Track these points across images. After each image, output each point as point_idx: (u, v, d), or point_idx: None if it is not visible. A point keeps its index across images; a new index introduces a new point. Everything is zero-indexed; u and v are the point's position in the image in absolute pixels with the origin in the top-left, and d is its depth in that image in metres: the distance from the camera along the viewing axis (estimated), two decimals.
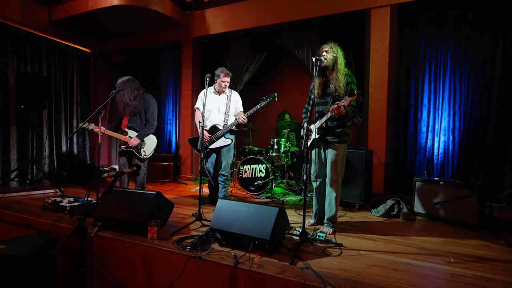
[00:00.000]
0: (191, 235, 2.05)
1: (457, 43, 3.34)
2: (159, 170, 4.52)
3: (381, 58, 3.33)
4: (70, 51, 4.76)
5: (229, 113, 2.88)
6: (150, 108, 2.93)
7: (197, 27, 4.38)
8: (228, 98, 2.91)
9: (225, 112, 2.87)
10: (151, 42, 4.74)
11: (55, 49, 4.53)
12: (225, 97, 2.92)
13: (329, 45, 2.13)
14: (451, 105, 3.38)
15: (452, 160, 3.37)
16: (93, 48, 5.02)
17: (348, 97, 1.88)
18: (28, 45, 4.17)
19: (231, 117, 2.90)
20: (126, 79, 2.84)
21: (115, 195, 2.22)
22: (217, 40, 4.57)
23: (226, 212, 1.92)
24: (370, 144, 3.37)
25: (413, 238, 2.12)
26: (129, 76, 2.89)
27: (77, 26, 4.45)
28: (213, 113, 2.87)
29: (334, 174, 2.16)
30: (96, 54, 5.13)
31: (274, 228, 1.72)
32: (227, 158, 2.90)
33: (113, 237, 1.99)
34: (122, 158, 2.92)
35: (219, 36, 4.33)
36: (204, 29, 4.32)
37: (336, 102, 1.94)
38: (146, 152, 2.90)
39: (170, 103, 5.17)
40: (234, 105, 2.93)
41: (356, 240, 2.05)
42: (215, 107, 2.88)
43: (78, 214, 2.45)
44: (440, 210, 2.54)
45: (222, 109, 2.89)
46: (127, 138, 2.85)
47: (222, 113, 2.88)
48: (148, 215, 2.01)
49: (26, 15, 3.98)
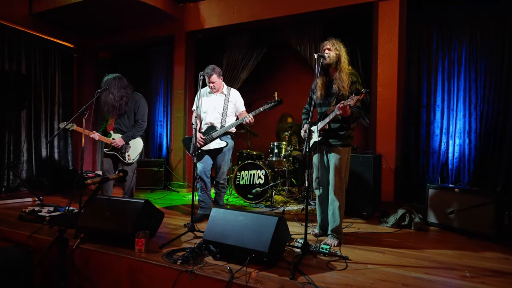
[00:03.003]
0: (183, 247, 2.05)
1: (471, 39, 3.39)
2: (149, 176, 4.53)
3: (389, 55, 3.38)
4: (52, 47, 4.80)
5: (227, 114, 2.84)
6: (140, 108, 2.92)
7: (190, 21, 4.43)
8: (225, 97, 2.87)
9: (222, 112, 2.84)
10: (140, 37, 4.79)
11: (35, 45, 4.57)
12: (222, 97, 2.88)
13: (331, 41, 2.16)
14: (467, 105, 3.42)
15: (468, 165, 3.39)
16: (77, 43, 5.07)
17: (354, 96, 1.90)
18: (6, 40, 4.20)
19: (229, 118, 2.86)
20: (113, 77, 2.83)
21: (100, 204, 2.22)
22: (212, 35, 4.62)
23: (221, 222, 1.93)
24: (379, 147, 3.39)
25: (425, 251, 2.13)
26: (116, 74, 2.89)
27: (60, 20, 4.49)
28: (209, 114, 2.86)
29: (337, 180, 2.17)
30: (80, 50, 5.17)
31: (273, 240, 1.73)
32: (223, 164, 2.87)
33: (96, 250, 1.99)
34: (106, 162, 2.91)
35: (214, 30, 4.38)
36: (198, 23, 4.37)
37: (342, 102, 1.97)
38: (131, 157, 2.89)
39: (161, 103, 5.20)
40: (233, 105, 2.89)
41: (363, 253, 2.05)
42: (211, 108, 2.86)
43: (59, 225, 2.44)
44: (455, 220, 2.55)
45: (218, 109, 2.85)
46: (110, 140, 2.85)
47: (218, 113, 2.85)
48: (135, 226, 2.01)
49: (4, 8, 4.01)
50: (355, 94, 1.91)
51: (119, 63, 5.44)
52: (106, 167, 2.91)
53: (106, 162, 2.91)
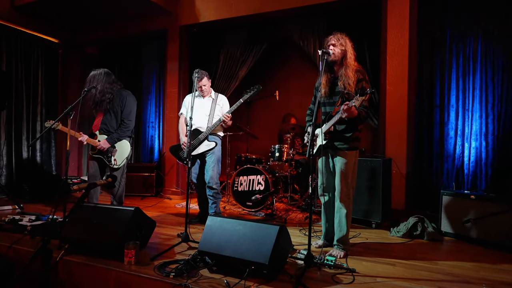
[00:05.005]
0: (176, 259, 2.05)
1: (487, 35, 3.42)
2: (139, 182, 4.53)
3: (399, 51, 3.40)
4: (35, 42, 4.83)
5: (213, 116, 3.04)
6: (127, 105, 2.91)
7: (185, 14, 4.46)
8: (213, 101, 3.09)
9: (209, 114, 3.05)
10: (131, 31, 4.81)
11: (17, 40, 4.59)
12: (210, 101, 3.10)
13: (336, 36, 2.18)
14: (483, 105, 3.44)
15: (485, 170, 3.40)
16: (62, 38, 5.09)
17: (359, 97, 1.92)
18: None
19: (215, 120, 3.00)
20: (99, 72, 2.86)
21: (86, 212, 2.22)
22: (208, 30, 4.65)
23: (218, 231, 1.94)
24: (388, 151, 3.40)
25: (439, 263, 2.13)
26: (103, 69, 2.90)
27: (44, 13, 4.51)
28: (196, 117, 2.98)
29: (344, 186, 2.19)
30: (65, 45, 5.19)
31: (274, 250, 1.73)
32: (212, 166, 2.95)
33: (82, 262, 1.99)
34: (92, 165, 2.90)
35: (211, 24, 4.41)
36: (194, 17, 4.40)
37: (346, 103, 1.98)
38: (117, 161, 2.88)
39: (153, 103, 5.21)
40: (220, 108, 3.09)
41: (371, 265, 2.06)
42: (198, 111, 3.03)
43: (41, 235, 2.43)
44: (471, 229, 2.55)
45: (206, 111, 3.06)
46: (96, 142, 2.83)
47: (205, 115, 3.05)
48: (124, 236, 2.01)
49: None
50: (360, 94, 1.92)
51: (107, 59, 5.45)
52: (92, 171, 2.89)
53: (92, 165, 2.89)
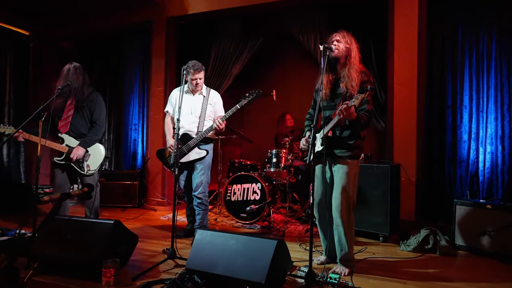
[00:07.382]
0: (161, 278, 2.03)
1: (502, 31, 3.48)
2: (119, 191, 4.48)
3: (408, 48, 3.45)
4: (2, 34, 4.77)
5: (205, 118, 2.96)
6: (98, 107, 2.91)
7: (173, 5, 4.47)
8: (204, 99, 2.98)
9: (200, 116, 2.94)
10: (113, 24, 4.81)
11: None
12: (200, 98, 2.99)
13: (342, 33, 2.20)
14: (498, 106, 3.49)
15: (502, 176, 3.44)
16: (33, 30, 5.05)
17: (359, 95, 1.91)
18: None
19: (207, 122, 2.95)
20: (73, 66, 2.86)
21: (58, 226, 2.19)
22: (198, 22, 4.66)
23: (208, 246, 1.93)
24: (397, 156, 3.43)
25: (453, 280, 2.13)
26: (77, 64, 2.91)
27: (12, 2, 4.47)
28: (185, 117, 2.92)
29: (343, 199, 2.17)
30: (37, 38, 5.15)
31: (271, 268, 1.72)
32: (200, 174, 2.92)
33: (54, 283, 1.96)
34: (58, 175, 2.82)
35: (201, 16, 4.42)
36: (182, 8, 4.41)
37: (345, 102, 1.99)
38: (90, 167, 2.86)
39: (136, 103, 5.18)
40: (212, 108, 3.00)
41: (379, 283, 2.05)
42: (186, 110, 2.94)
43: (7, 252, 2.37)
44: (488, 242, 2.57)
45: (196, 112, 2.96)
46: (64, 148, 2.79)
47: (195, 117, 2.95)
48: (103, 253, 1.99)
49: None
50: (359, 92, 1.93)
51: (85, 54, 5.41)
52: (59, 181, 2.83)
53: (58, 174, 2.83)
